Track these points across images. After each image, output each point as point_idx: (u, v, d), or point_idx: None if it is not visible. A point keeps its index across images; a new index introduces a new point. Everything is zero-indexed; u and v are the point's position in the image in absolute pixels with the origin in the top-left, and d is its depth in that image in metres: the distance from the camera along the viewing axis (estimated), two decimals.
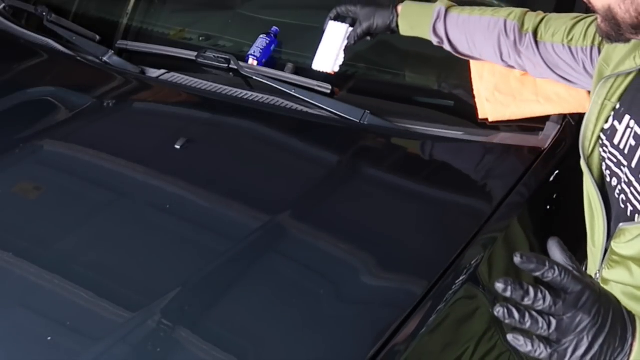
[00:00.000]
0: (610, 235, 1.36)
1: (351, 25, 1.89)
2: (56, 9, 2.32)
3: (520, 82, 1.76)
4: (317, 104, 1.91)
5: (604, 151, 1.38)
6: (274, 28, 2.10)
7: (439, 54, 1.86)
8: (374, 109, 1.87)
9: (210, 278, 1.41)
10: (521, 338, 1.00)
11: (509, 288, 0.98)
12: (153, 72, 2.12)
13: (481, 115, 1.83)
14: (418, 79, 2.04)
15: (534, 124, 1.78)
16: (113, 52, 2.18)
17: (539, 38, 1.65)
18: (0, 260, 1.46)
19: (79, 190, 1.68)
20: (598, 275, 1.38)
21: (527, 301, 0.98)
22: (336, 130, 1.88)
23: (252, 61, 2.05)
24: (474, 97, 1.83)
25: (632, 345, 1.02)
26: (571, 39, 1.58)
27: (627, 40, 1.27)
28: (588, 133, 1.40)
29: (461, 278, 1.44)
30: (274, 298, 1.38)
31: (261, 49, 2.07)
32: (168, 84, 2.08)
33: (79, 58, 2.18)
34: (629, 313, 1.05)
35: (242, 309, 1.35)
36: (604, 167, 1.39)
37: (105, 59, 2.16)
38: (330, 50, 1.90)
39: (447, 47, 1.79)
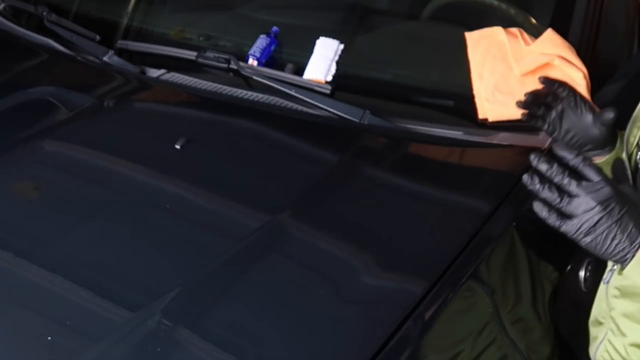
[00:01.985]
0: None
1: None
2: (56, 9, 2.32)
3: (520, 82, 1.76)
4: (316, 104, 1.91)
5: None
6: (274, 28, 2.10)
7: (439, 53, 1.86)
8: (374, 109, 1.87)
9: (210, 278, 1.41)
10: (541, 204, 1.19)
11: (537, 160, 1.21)
12: (153, 72, 2.12)
13: (481, 115, 1.83)
14: (418, 79, 2.04)
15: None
16: (113, 52, 2.17)
17: None
18: (0, 260, 1.46)
19: (79, 190, 1.68)
20: (615, 268, 1.39)
21: (550, 173, 1.19)
22: (336, 130, 1.88)
23: (252, 61, 2.05)
24: (473, 97, 1.83)
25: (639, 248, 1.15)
26: None
27: None
28: (635, 130, 1.43)
29: (461, 278, 1.44)
30: (274, 298, 1.38)
31: (261, 49, 2.07)
32: (168, 84, 2.08)
33: (79, 58, 2.18)
34: None
35: (242, 309, 1.35)
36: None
37: (105, 59, 2.15)
38: (322, 62, 1.95)
39: None
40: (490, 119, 1.82)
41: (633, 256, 1.16)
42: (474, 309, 1.47)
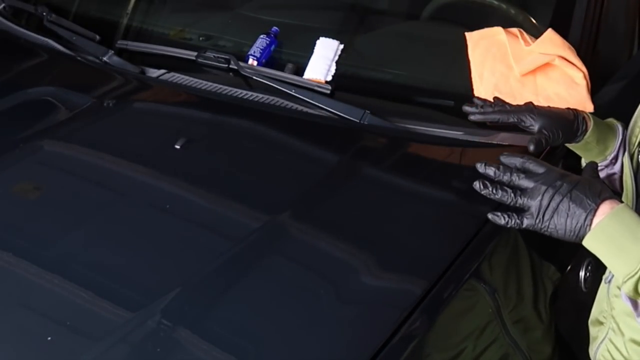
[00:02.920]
0: None
1: None
2: (56, 9, 2.32)
3: (520, 82, 1.76)
4: (317, 104, 1.91)
5: None
6: (274, 28, 2.10)
7: (439, 53, 1.86)
8: (374, 109, 1.87)
9: (210, 278, 1.41)
10: (498, 213, 1.25)
11: (483, 166, 1.29)
12: (153, 72, 2.12)
13: None
14: (418, 79, 2.04)
15: None
16: (113, 52, 2.17)
17: None
18: (0, 260, 1.46)
19: (79, 190, 1.68)
20: None
21: (497, 177, 1.26)
22: (336, 130, 1.88)
23: (252, 61, 2.05)
24: (473, 97, 1.83)
25: (594, 212, 1.18)
26: None
27: None
28: (636, 129, 1.42)
29: (462, 277, 1.44)
30: (274, 298, 1.38)
31: (261, 49, 2.07)
32: (168, 84, 2.07)
33: (79, 58, 2.18)
34: (605, 190, 1.21)
35: (242, 309, 1.35)
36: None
37: (105, 59, 2.15)
38: (322, 62, 1.95)
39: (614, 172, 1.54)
40: None
41: (589, 227, 1.18)
42: (475, 308, 1.47)
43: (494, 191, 1.25)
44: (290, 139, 1.89)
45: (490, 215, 1.27)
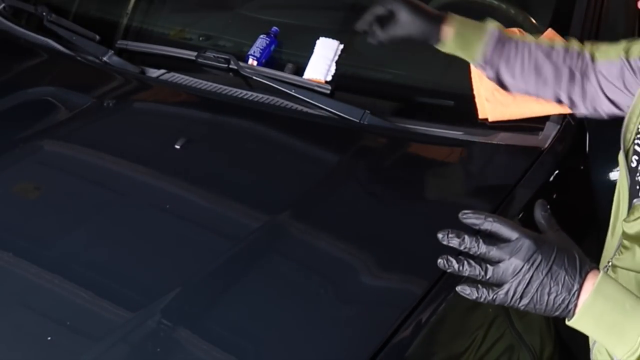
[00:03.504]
0: None
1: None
2: (56, 9, 2.32)
3: None
4: (317, 104, 1.91)
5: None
6: (274, 28, 2.10)
7: (439, 53, 1.85)
8: (374, 109, 1.87)
9: (210, 278, 1.41)
10: (467, 287, 1.10)
11: (446, 237, 1.11)
12: (153, 72, 2.12)
13: (481, 115, 1.83)
14: (418, 79, 2.04)
15: (534, 124, 1.78)
16: (113, 52, 2.17)
17: (596, 59, 1.54)
18: (0, 260, 1.46)
19: (79, 190, 1.68)
20: (610, 263, 1.39)
21: (464, 248, 1.09)
22: (336, 130, 1.88)
23: (251, 61, 2.05)
24: (474, 97, 1.83)
25: (578, 292, 1.07)
26: (627, 52, 1.49)
27: None
28: (631, 126, 1.38)
29: (461, 278, 1.44)
30: (274, 298, 1.38)
31: (261, 49, 2.07)
32: (168, 84, 2.08)
33: (79, 58, 2.18)
34: (584, 262, 1.09)
35: (242, 309, 1.35)
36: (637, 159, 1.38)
37: (105, 59, 2.16)
38: (322, 62, 1.95)
39: (490, 74, 1.58)
40: (490, 119, 1.82)
41: (575, 306, 1.08)
42: (474, 308, 1.47)
43: (461, 267, 1.09)
44: (290, 139, 1.89)
45: (458, 288, 1.11)
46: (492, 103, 1.80)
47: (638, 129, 1.39)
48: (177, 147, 1.74)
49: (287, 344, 1.30)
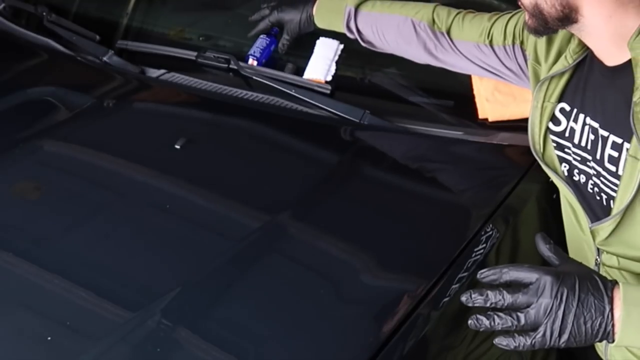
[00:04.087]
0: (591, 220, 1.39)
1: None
2: (56, 9, 2.32)
3: None
4: (317, 104, 1.91)
5: (567, 153, 1.40)
6: (274, 28, 2.10)
7: None
8: (374, 109, 1.87)
9: (210, 278, 1.41)
10: (504, 339, 1.11)
11: (469, 298, 1.12)
12: (153, 72, 2.12)
13: (481, 115, 1.83)
14: (418, 79, 2.04)
15: None
16: (113, 52, 2.17)
17: (454, 37, 1.65)
18: (0, 260, 1.46)
19: (79, 190, 1.68)
20: (598, 260, 1.39)
21: (490, 304, 1.10)
22: (336, 130, 1.88)
23: (252, 61, 2.05)
24: (474, 97, 1.83)
25: (611, 311, 1.08)
26: (491, 39, 1.59)
27: (555, 31, 1.34)
28: (535, 136, 1.44)
29: (461, 278, 1.44)
30: (274, 298, 1.38)
31: (261, 49, 2.07)
32: (168, 84, 2.08)
33: (79, 58, 2.18)
34: (606, 281, 1.10)
35: (242, 309, 1.35)
36: (567, 169, 1.42)
37: (105, 59, 2.16)
38: (322, 63, 1.95)
39: (363, 44, 1.84)
40: (490, 119, 1.82)
41: (613, 326, 1.08)
42: (474, 308, 1.47)
43: (493, 323, 1.10)
44: (290, 139, 1.89)
45: (496, 341, 1.12)
46: (492, 103, 1.80)
47: (554, 140, 1.42)
48: (177, 147, 1.74)
49: (287, 344, 1.30)
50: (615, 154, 1.28)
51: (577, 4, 1.23)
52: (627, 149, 1.24)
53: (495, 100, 1.79)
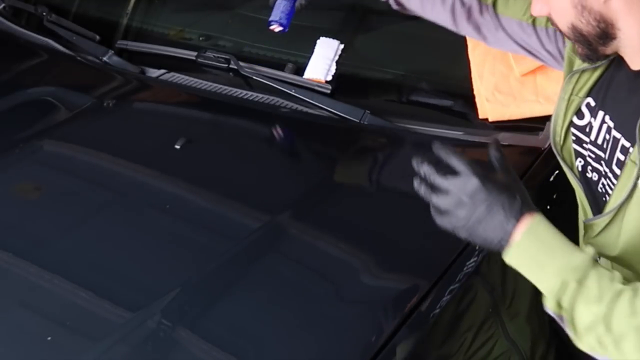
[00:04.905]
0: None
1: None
2: (56, 9, 2.32)
3: (520, 82, 1.76)
4: (317, 104, 1.91)
5: (584, 148, 1.40)
6: None
7: (439, 53, 1.86)
8: (374, 109, 1.87)
9: (210, 278, 1.41)
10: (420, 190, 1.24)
11: (417, 161, 1.25)
12: (153, 72, 2.12)
13: (481, 115, 1.83)
14: (418, 79, 2.04)
15: (534, 124, 1.78)
16: (113, 52, 2.17)
17: (499, 11, 1.61)
18: (0, 260, 1.46)
19: (79, 190, 1.68)
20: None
21: (423, 172, 1.23)
22: (336, 130, 1.88)
23: (276, 27, 1.83)
24: (474, 97, 1.83)
25: (512, 233, 1.16)
26: (534, 19, 1.55)
27: (604, 57, 1.30)
28: (557, 128, 1.43)
29: (461, 278, 1.44)
30: (274, 298, 1.38)
31: (286, 13, 1.79)
32: (168, 84, 2.08)
33: (79, 58, 2.18)
34: (524, 206, 1.17)
35: (242, 309, 1.35)
36: (581, 164, 1.41)
37: (105, 59, 2.16)
38: (322, 62, 1.94)
39: (393, 5, 1.72)
40: (491, 119, 1.82)
41: (507, 245, 1.16)
42: (474, 308, 1.47)
43: (419, 188, 1.24)
44: (290, 139, 1.89)
45: (415, 184, 1.25)
46: (492, 103, 1.80)
47: (574, 134, 1.41)
48: (177, 147, 1.74)
49: (287, 344, 1.30)
50: (622, 158, 1.28)
51: (612, 17, 1.21)
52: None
53: (495, 100, 1.79)
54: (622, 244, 1.30)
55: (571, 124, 1.42)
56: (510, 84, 1.77)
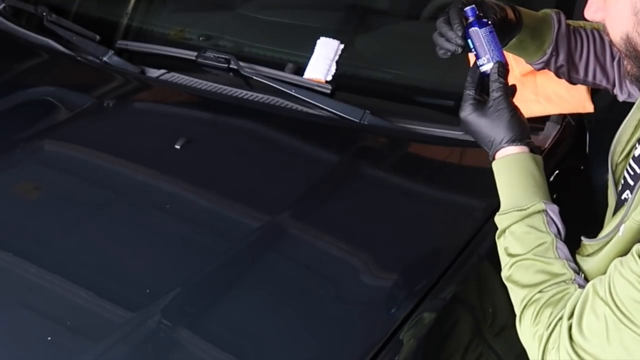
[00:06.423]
0: None
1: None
2: (56, 9, 2.32)
3: (520, 82, 1.76)
4: (317, 104, 1.91)
5: (632, 168, 1.26)
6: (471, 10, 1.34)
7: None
8: (374, 109, 1.87)
9: (210, 278, 1.41)
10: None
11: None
12: (153, 72, 2.12)
13: None
14: (418, 79, 2.04)
15: (534, 124, 1.78)
16: (113, 52, 2.17)
17: None
18: (0, 260, 1.46)
19: (79, 190, 1.68)
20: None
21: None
22: (336, 130, 1.88)
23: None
24: None
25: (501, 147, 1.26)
26: None
27: None
28: (623, 138, 1.30)
29: (461, 278, 1.44)
30: (274, 298, 1.38)
31: (494, 45, 1.34)
32: (168, 84, 2.08)
33: (79, 58, 2.18)
34: (500, 143, 1.27)
35: (242, 309, 1.35)
36: (622, 183, 1.30)
37: (105, 59, 2.16)
38: (322, 62, 1.94)
39: (560, 64, 1.46)
40: None
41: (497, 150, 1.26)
42: (474, 308, 1.47)
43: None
44: (290, 139, 1.89)
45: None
46: None
47: (633, 145, 1.28)
48: (177, 147, 1.74)
49: (287, 344, 1.30)
50: None
51: None
52: None
53: None
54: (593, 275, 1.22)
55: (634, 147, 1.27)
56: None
